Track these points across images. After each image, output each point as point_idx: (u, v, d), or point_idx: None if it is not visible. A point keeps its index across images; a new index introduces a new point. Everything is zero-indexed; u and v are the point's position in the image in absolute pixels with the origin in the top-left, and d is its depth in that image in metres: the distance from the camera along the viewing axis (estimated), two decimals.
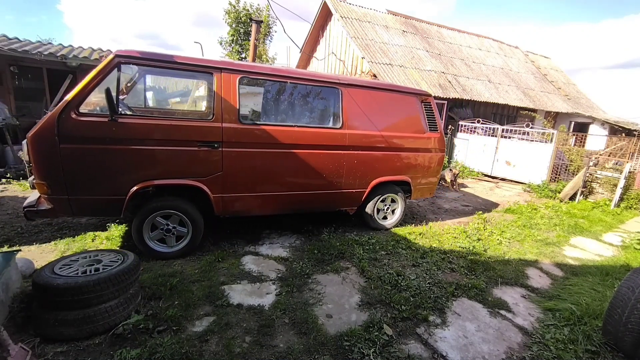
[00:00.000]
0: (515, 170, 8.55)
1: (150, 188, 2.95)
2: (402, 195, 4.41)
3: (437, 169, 4.59)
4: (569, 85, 17.04)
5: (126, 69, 3.10)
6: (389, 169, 4.14)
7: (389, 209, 4.43)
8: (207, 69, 3.06)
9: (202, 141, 3.02)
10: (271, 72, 3.42)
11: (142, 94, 4.38)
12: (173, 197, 3.11)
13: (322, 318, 2.42)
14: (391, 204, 4.43)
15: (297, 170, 3.55)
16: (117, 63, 2.72)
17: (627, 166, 6.54)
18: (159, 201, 3.03)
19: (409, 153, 4.25)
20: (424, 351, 2.18)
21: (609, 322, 2.29)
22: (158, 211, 3.02)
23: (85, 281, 1.95)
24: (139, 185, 2.87)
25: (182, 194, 3.15)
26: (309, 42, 13.23)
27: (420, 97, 4.32)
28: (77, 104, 2.61)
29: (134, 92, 3.81)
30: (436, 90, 10.09)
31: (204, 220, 3.26)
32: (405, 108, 4.22)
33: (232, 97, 3.11)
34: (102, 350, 1.95)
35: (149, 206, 2.99)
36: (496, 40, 15.80)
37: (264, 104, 3.67)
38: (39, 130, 2.58)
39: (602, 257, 4.12)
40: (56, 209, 2.77)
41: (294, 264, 3.22)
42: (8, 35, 7.56)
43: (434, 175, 4.61)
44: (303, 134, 3.50)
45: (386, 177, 4.12)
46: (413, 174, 4.35)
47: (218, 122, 3.07)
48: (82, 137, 2.66)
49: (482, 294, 2.93)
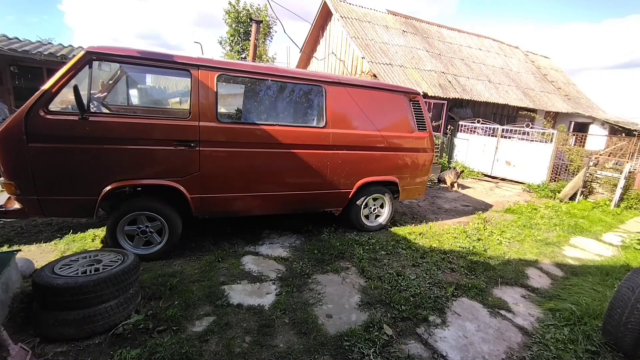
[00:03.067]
0: (515, 170, 8.56)
1: (127, 188, 2.88)
2: (389, 196, 4.31)
3: (426, 169, 4.48)
4: (569, 85, 17.04)
5: (105, 66, 3.01)
6: (375, 169, 4.04)
7: (376, 210, 4.32)
8: (184, 66, 2.96)
9: (179, 140, 2.93)
10: (252, 69, 3.32)
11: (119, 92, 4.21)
12: (150, 198, 3.03)
13: (322, 318, 2.42)
14: (377, 205, 4.32)
15: (278, 171, 3.47)
16: (89, 60, 2.63)
17: (627, 166, 6.54)
18: (135, 202, 2.94)
19: (397, 153, 4.15)
20: (424, 351, 2.18)
21: (609, 322, 2.29)
22: (133, 212, 2.92)
23: (86, 281, 1.95)
24: (112, 186, 2.78)
25: (159, 195, 3.07)
26: (309, 42, 13.23)
27: (408, 95, 4.21)
28: (46, 102, 2.52)
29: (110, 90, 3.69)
30: (436, 90, 10.09)
31: (184, 221, 3.17)
32: (393, 107, 4.11)
33: (210, 95, 3.02)
34: (102, 350, 1.94)
35: (123, 207, 2.90)
36: (496, 40, 15.80)
37: (245, 102, 3.60)
38: (6, 128, 2.49)
39: (602, 257, 4.12)
40: (26, 209, 2.69)
41: (294, 264, 3.22)
42: (8, 35, 7.57)
43: (423, 176, 4.50)
44: (284, 133, 3.40)
45: (372, 178, 4.02)
46: (401, 174, 4.24)
47: (195, 120, 2.97)
48: (51, 136, 2.57)
49: (482, 294, 2.93)
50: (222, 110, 3.17)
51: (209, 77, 3.03)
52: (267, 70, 3.40)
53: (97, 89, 3.50)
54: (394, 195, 4.40)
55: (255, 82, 3.45)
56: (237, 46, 18.92)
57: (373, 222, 4.34)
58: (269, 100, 3.56)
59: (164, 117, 3.17)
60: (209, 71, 3.03)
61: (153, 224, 3.05)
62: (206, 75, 3.02)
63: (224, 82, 3.23)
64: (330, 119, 3.64)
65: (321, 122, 3.63)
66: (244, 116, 3.54)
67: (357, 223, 4.18)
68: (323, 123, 3.62)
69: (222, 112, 3.20)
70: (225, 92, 3.38)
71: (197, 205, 3.16)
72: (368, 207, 4.24)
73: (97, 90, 3.49)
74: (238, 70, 3.25)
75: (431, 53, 11.93)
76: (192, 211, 3.16)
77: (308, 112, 3.74)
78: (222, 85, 3.17)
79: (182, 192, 3.04)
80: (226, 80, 3.26)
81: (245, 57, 18.17)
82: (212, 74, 3.04)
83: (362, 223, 4.21)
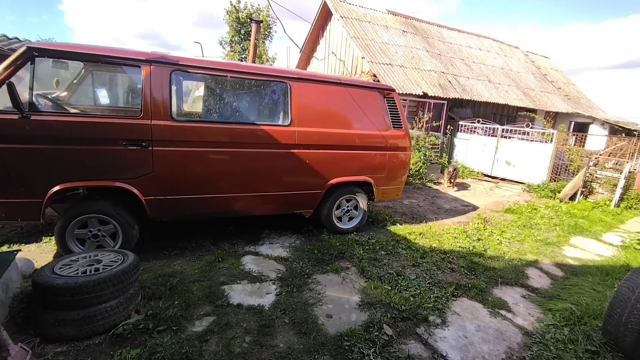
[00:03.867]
0: (515, 170, 8.56)
1: (81, 190, 2.80)
2: (363, 197, 4.15)
3: (403, 169, 4.32)
4: (569, 85, 17.04)
5: (56, 64, 2.89)
6: (347, 168, 3.86)
7: (350, 211, 4.16)
8: (134, 62, 2.83)
9: (129, 140, 2.79)
10: (210, 65, 3.15)
11: (80, 91, 3.95)
12: (102, 200, 2.90)
13: (322, 318, 2.42)
14: (351, 207, 4.16)
15: (240, 171, 3.31)
16: (30, 56, 2.52)
17: (627, 166, 6.53)
18: (82, 205, 2.82)
19: (370, 152, 3.96)
20: (424, 351, 2.18)
21: (609, 322, 2.29)
22: (81, 215, 2.79)
23: (85, 281, 1.95)
24: (59, 187, 2.66)
25: (114, 197, 2.95)
26: (309, 42, 13.23)
27: (382, 92, 4.03)
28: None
29: (61, 87, 3.48)
30: (436, 90, 10.09)
31: (144, 225, 3.08)
32: (365, 104, 3.91)
33: (163, 93, 2.88)
34: (102, 350, 1.95)
35: (71, 210, 2.78)
36: (496, 40, 15.80)
37: (203, 100, 3.43)
38: None
39: (602, 257, 4.12)
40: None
41: (294, 264, 3.22)
42: (8, 35, 7.56)
43: (400, 176, 4.32)
44: (246, 131, 3.25)
45: (344, 178, 3.85)
46: (375, 175, 4.06)
47: (147, 119, 2.83)
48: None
49: (482, 294, 2.93)
50: (177, 108, 3.02)
51: (162, 73, 2.89)
52: (227, 67, 3.25)
53: (51, 88, 3.32)
54: (369, 196, 4.25)
55: (215, 79, 3.28)
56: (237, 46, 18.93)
57: (346, 225, 4.18)
58: (229, 97, 3.41)
59: (113, 116, 3.01)
60: (162, 67, 2.89)
61: (106, 228, 2.91)
62: (159, 72, 2.87)
63: (179, 79, 3.09)
64: (296, 116, 3.47)
65: (286, 120, 3.46)
66: (202, 114, 3.36)
67: (329, 225, 4.04)
68: (288, 121, 3.45)
69: (178, 110, 3.05)
70: (182, 89, 3.22)
71: (153, 208, 3.03)
72: (341, 209, 4.09)
73: (53, 89, 3.33)
74: (194, 67, 3.07)
75: (431, 53, 11.93)
76: (148, 214, 3.02)
77: (272, 110, 3.60)
78: (177, 82, 3.05)
79: (135, 193, 2.90)
80: (182, 77, 3.11)
81: (246, 57, 18.18)
82: (166, 70, 2.90)
83: (334, 225, 4.06)
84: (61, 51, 2.67)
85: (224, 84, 3.33)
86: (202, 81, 3.37)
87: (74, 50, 2.68)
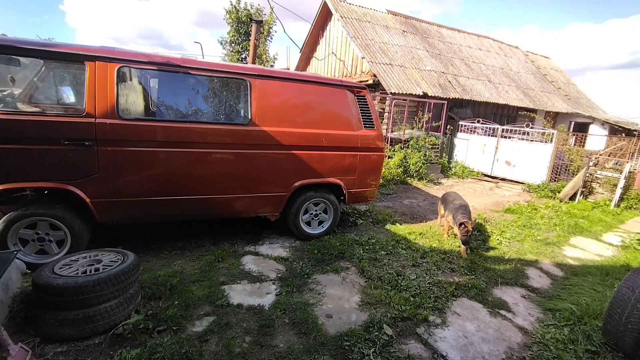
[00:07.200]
0: (515, 170, 8.56)
1: (28, 191, 2.71)
2: (333, 200, 3.93)
3: (376, 170, 4.12)
4: (568, 85, 17.05)
5: (15, 62, 2.70)
6: (313, 170, 3.66)
7: (319, 215, 3.95)
8: (77, 57, 2.70)
9: (70, 139, 2.66)
10: (160, 61, 3.00)
11: (11, 86, 3.75)
12: (49, 203, 2.77)
13: (322, 318, 2.42)
14: (320, 210, 3.95)
15: (195, 172, 3.16)
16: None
17: (627, 166, 6.53)
18: (27, 207, 2.70)
19: (339, 152, 3.77)
20: (424, 351, 2.18)
21: (609, 322, 2.29)
22: (24, 218, 2.66)
23: (85, 281, 1.95)
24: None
25: (64, 200, 2.82)
26: (309, 42, 13.23)
27: (352, 90, 3.83)
28: None
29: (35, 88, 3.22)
30: (436, 90, 10.09)
31: (92, 228, 2.98)
32: (333, 102, 3.73)
33: (108, 89, 2.74)
34: (102, 350, 1.95)
35: (12, 213, 2.65)
36: (496, 40, 15.81)
37: (154, 97, 3.32)
38: None
39: (602, 257, 4.12)
40: None
41: (294, 264, 3.22)
42: (8, 35, 7.57)
43: (373, 178, 4.11)
44: (201, 131, 3.11)
45: (310, 180, 3.67)
46: (345, 176, 3.87)
47: (91, 117, 2.70)
48: None
49: (482, 294, 2.94)
50: (124, 106, 2.90)
51: (107, 69, 2.75)
52: (181, 63, 3.10)
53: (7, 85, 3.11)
54: (340, 199, 4.04)
55: (167, 76, 3.15)
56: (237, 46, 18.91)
57: (315, 229, 3.96)
58: (184, 95, 3.28)
59: (53, 114, 2.81)
60: (107, 63, 2.76)
61: (56, 234, 2.79)
62: (104, 68, 2.74)
63: (127, 75, 2.95)
64: (257, 115, 3.31)
65: (245, 119, 3.33)
66: (152, 112, 3.24)
67: (296, 229, 3.83)
68: (247, 120, 3.30)
69: (125, 108, 2.92)
70: (131, 86, 3.13)
71: (102, 211, 2.89)
72: (309, 213, 3.89)
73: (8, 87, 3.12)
74: (143, 62, 2.93)
75: (431, 53, 11.94)
76: (96, 217, 2.89)
77: (230, 108, 3.45)
78: (124, 78, 2.91)
79: (80, 195, 2.77)
80: (130, 73, 2.97)
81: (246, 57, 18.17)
82: (111, 65, 2.77)
83: (302, 229, 3.84)
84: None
85: (178, 81, 3.18)
86: (155, 78, 3.25)
87: (13, 44, 2.53)
